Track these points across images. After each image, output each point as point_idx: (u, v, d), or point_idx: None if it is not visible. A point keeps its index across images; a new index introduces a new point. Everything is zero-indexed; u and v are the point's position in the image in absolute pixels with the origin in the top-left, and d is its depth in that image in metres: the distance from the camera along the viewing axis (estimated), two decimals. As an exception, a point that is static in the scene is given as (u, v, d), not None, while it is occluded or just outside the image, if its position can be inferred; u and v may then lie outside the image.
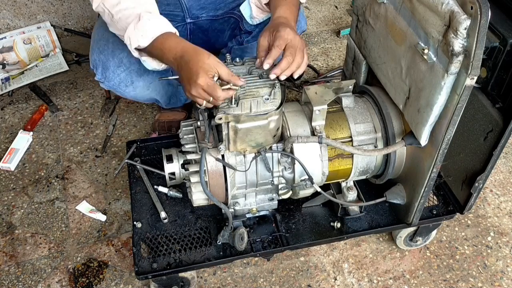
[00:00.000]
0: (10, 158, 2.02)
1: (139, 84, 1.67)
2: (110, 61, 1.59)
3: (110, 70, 1.61)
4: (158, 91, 1.80)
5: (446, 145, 1.23)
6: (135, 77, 1.64)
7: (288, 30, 1.26)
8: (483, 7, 0.98)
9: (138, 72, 1.62)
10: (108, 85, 1.66)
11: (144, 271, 1.43)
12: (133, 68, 1.61)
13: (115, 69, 1.60)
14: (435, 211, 1.57)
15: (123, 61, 1.59)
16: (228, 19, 1.85)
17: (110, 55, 1.59)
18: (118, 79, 1.63)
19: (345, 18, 2.79)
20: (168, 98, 1.94)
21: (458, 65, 1.07)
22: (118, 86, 1.66)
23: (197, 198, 1.39)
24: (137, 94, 1.72)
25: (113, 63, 1.60)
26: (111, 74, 1.61)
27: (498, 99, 1.30)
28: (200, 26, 1.86)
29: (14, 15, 2.41)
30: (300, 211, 1.59)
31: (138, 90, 1.69)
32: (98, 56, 1.61)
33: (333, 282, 1.67)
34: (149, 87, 1.71)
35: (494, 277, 1.70)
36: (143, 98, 1.82)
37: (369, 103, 1.47)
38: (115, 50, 1.58)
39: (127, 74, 1.62)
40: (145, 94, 1.75)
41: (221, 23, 1.86)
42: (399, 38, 1.26)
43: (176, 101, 2.01)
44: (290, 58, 1.25)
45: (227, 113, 1.22)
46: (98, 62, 1.61)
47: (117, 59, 1.59)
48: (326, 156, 1.38)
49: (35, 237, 1.79)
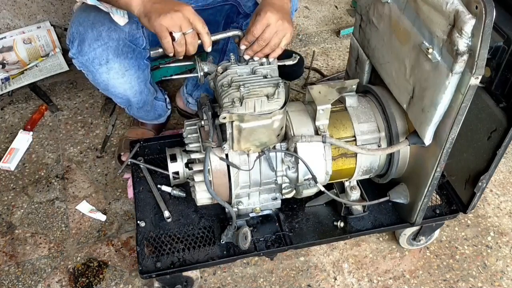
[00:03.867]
0: (10, 158, 2.01)
1: (114, 65, 1.57)
2: (88, 33, 1.50)
3: (86, 43, 1.50)
4: (132, 85, 1.68)
5: (450, 144, 1.23)
6: (111, 55, 1.54)
7: (269, 14, 1.27)
8: (488, 6, 0.99)
9: (115, 50, 1.54)
10: (82, 60, 1.54)
11: (148, 270, 1.42)
12: (110, 45, 1.52)
13: (92, 42, 1.50)
14: (438, 211, 1.57)
15: (102, 35, 1.50)
16: (221, 8, 1.79)
17: (90, 27, 1.50)
18: (93, 54, 1.52)
19: (345, 18, 2.80)
20: (142, 101, 1.82)
21: (463, 65, 1.07)
22: (92, 63, 1.54)
23: (200, 197, 1.39)
24: (110, 78, 1.60)
25: (91, 35, 1.50)
26: (87, 48, 1.51)
27: (502, 99, 1.30)
28: None
29: (14, 15, 2.40)
30: (303, 211, 1.59)
31: (112, 73, 1.58)
32: (77, 28, 1.51)
33: (333, 282, 1.68)
34: (124, 74, 1.61)
35: (494, 277, 1.70)
36: (115, 89, 1.67)
37: (372, 102, 1.47)
38: (96, 23, 1.50)
39: (103, 49, 1.52)
40: (118, 83, 1.64)
41: (212, 13, 1.80)
42: (403, 38, 1.26)
43: (149, 110, 1.93)
44: (262, 42, 1.28)
45: (231, 113, 1.22)
46: (75, 35, 1.52)
47: (96, 32, 1.50)
48: (329, 156, 1.38)
49: (35, 237, 1.78)
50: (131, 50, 1.58)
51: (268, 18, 1.27)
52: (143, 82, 1.73)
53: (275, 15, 1.28)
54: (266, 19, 1.27)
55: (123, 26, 1.48)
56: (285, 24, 1.30)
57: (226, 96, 1.24)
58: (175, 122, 2.19)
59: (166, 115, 2.05)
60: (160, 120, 2.04)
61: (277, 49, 1.32)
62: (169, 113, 2.07)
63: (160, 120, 2.05)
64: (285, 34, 1.30)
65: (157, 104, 1.95)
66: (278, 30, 1.29)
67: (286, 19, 1.30)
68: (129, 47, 1.56)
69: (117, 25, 1.47)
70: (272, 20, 1.27)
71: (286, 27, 1.30)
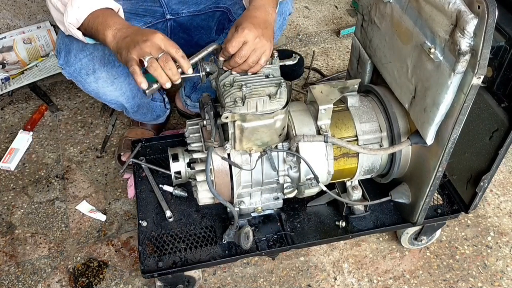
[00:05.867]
0: (10, 158, 2.01)
1: (102, 74, 1.56)
2: (73, 43, 1.50)
3: (72, 53, 1.51)
4: (123, 91, 1.67)
5: (452, 144, 1.23)
6: (97, 65, 1.54)
7: (246, 31, 1.21)
8: (490, 6, 0.99)
9: (101, 60, 1.53)
10: (69, 71, 1.55)
11: (150, 269, 1.42)
12: (96, 55, 1.52)
13: (77, 53, 1.51)
14: (440, 210, 1.57)
15: (86, 45, 1.49)
16: (213, 14, 1.77)
17: (74, 38, 1.49)
18: (79, 65, 1.52)
19: (345, 18, 2.80)
20: (136, 105, 1.81)
21: (465, 64, 1.07)
22: (79, 74, 1.55)
23: (202, 196, 1.39)
24: (99, 87, 1.60)
25: (76, 46, 1.50)
26: (73, 59, 1.52)
27: (504, 99, 1.31)
28: (181, 24, 1.79)
29: (14, 15, 2.40)
30: (305, 210, 1.59)
31: (100, 82, 1.58)
32: (63, 39, 1.52)
33: (333, 282, 1.68)
34: (113, 82, 1.61)
35: (494, 277, 1.70)
36: (107, 97, 1.68)
37: (374, 102, 1.48)
38: None
39: (89, 60, 1.52)
40: (108, 91, 1.64)
41: (204, 18, 1.78)
42: (405, 37, 1.27)
43: (146, 113, 1.91)
44: (238, 59, 1.23)
45: (233, 112, 1.22)
46: (62, 46, 1.53)
47: (81, 43, 1.47)
48: (331, 155, 1.38)
49: (35, 237, 1.78)
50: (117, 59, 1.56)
51: (245, 36, 1.21)
52: (136, 87, 1.70)
53: (253, 32, 1.22)
54: (243, 36, 1.21)
55: None
56: (263, 41, 1.24)
57: (228, 95, 1.24)
58: (175, 122, 2.20)
59: (165, 115, 2.04)
60: (159, 120, 2.04)
61: (256, 66, 1.26)
62: (168, 112, 2.06)
63: (159, 121, 2.04)
64: (263, 52, 1.24)
65: (155, 105, 1.94)
66: (256, 48, 1.23)
67: (265, 35, 1.25)
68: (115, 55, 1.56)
69: None
70: (249, 37, 1.21)
71: (264, 45, 1.24)
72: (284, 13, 1.63)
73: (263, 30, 1.25)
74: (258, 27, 1.24)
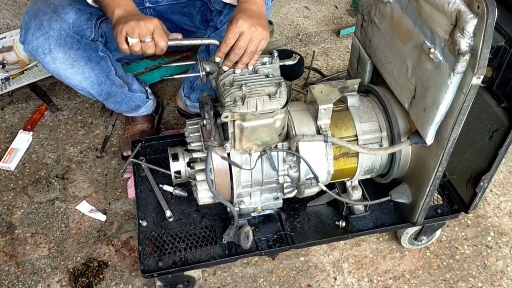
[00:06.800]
0: (10, 158, 2.01)
1: (58, 55, 1.58)
2: (32, 22, 1.55)
3: (30, 31, 1.55)
4: (86, 76, 1.69)
5: (452, 144, 1.23)
6: (53, 45, 1.56)
7: (240, 21, 1.25)
8: (490, 6, 0.99)
9: (57, 40, 1.56)
10: (28, 48, 1.58)
11: (149, 269, 1.42)
12: (52, 34, 1.55)
13: (34, 31, 1.55)
14: (440, 210, 1.57)
15: (43, 24, 1.53)
16: (193, 3, 1.79)
17: (33, 16, 1.54)
18: (36, 43, 1.56)
19: (345, 18, 2.80)
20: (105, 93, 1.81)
21: (465, 64, 1.07)
22: (36, 52, 1.58)
23: (202, 196, 1.39)
24: (58, 68, 1.62)
25: (34, 24, 1.54)
26: (30, 36, 1.55)
27: (504, 99, 1.31)
28: (161, 12, 1.80)
29: (14, 15, 2.40)
30: (305, 210, 1.59)
31: (58, 63, 1.60)
32: (24, 16, 1.57)
33: (333, 282, 1.68)
34: (72, 64, 1.62)
35: (494, 277, 1.70)
36: (70, 80, 1.70)
37: (374, 102, 1.48)
38: (38, 12, 1.54)
39: (45, 39, 1.55)
40: (69, 74, 1.65)
41: (184, 6, 1.80)
42: (405, 37, 1.27)
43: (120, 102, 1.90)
44: (238, 50, 1.26)
45: (233, 112, 1.22)
46: (23, 23, 1.57)
47: (38, 21, 1.54)
48: (331, 155, 1.38)
49: (35, 237, 1.78)
50: (75, 41, 1.59)
51: (240, 26, 1.25)
52: (103, 74, 1.72)
53: (247, 21, 1.25)
54: (238, 27, 1.25)
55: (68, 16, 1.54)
56: (259, 30, 1.27)
57: (228, 95, 1.25)
58: (175, 122, 2.20)
59: (146, 105, 2.01)
60: (141, 111, 2.02)
61: (255, 56, 1.29)
62: (150, 102, 2.03)
63: (141, 112, 2.02)
64: (260, 40, 1.28)
65: (133, 96, 1.92)
66: (252, 37, 1.26)
67: (260, 24, 1.28)
68: (73, 37, 1.58)
69: (60, 15, 1.53)
70: (244, 27, 1.25)
71: (260, 33, 1.27)
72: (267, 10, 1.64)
73: (257, 20, 1.28)
74: (251, 17, 1.28)
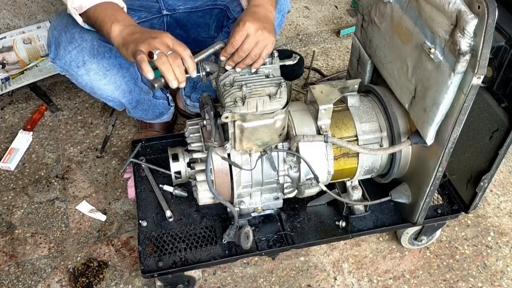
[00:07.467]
0: (10, 158, 2.01)
1: (92, 66, 1.55)
2: (62, 36, 1.51)
3: (61, 46, 1.51)
4: (117, 85, 1.65)
5: (452, 144, 1.23)
6: (87, 56, 1.52)
7: (248, 24, 1.24)
8: (490, 6, 0.99)
9: (90, 51, 1.52)
10: (60, 64, 1.55)
11: (150, 269, 1.42)
12: (84, 46, 1.51)
13: (66, 45, 1.50)
14: (440, 210, 1.57)
15: (75, 37, 1.49)
16: (210, 11, 1.77)
17: (63, 30, 1.50)
18: (69, 57, 1.52)
19: (345, 18, 2.80)
20: (135, 101, 1.79)
21: (465, 64, 1.07)
22: (70, 66, 1.54)
23: (202, 196, 1.39)
24: (91, 80, 1.58)
25: (65, 38, 1.50)
26: (62, 51, 1.51)
27: (504, 99, 1.31)
28: (178, 20, 1.78)
29: (14, 15, 2.40)
30: (305, 210, 1.59)
31: (92, 75, 1.57)
32: (52, 32, 1.53)
33: (333, 282, 1.68)
34: (105, 74, 1.59)
35: (494, 277, 1.70)
36: (102, 92, 1.66)
37: (374, 102, 1.48)
38: (68, 26, 1.50)
39: (78, 51, 1.51)
40: (102, 85, 1.62)
41: (201, 15, 1.78)
42: (405, 37, 1.27)
43: (147, 109, 1.89)
44: (242, 53, 1.25)
45: (233, 112, 1.22)
46: (51, 39, 1.53)
47: (69, 34, 1.49)
48: (331, 155, 1.38)
49: (35, 237, 1.78)
50: (107, 50, 1.56)
51: (247, 28, 1.24)
52: (132, 81, 1.70)
53: (255, 24, 1.24)
54: (244, 29, 1.24)
55: None
56: (265, 34, 1.26)
57: (228, 95, 1.24)
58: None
59: (168, 112, 2.02)
60: (163, 118, 2.02)
61: (259, 59, 1.27)
62: (172, 110, 2.04)
63: (163, 119, 2.03)
64: (266, 45, 1.26)
65: (157, 102, 1.93)
66: (258, 41, 1.25)
67: (267, 28, 1.27)
68: (105, 46, 1.55)
69: None
70: (251, 30, 1.24)
71: (266, 37, 1.26)
72: (283, 11, 1.63)
73: (264, 24, 1.27)
74: (259, 21, 1.27)
